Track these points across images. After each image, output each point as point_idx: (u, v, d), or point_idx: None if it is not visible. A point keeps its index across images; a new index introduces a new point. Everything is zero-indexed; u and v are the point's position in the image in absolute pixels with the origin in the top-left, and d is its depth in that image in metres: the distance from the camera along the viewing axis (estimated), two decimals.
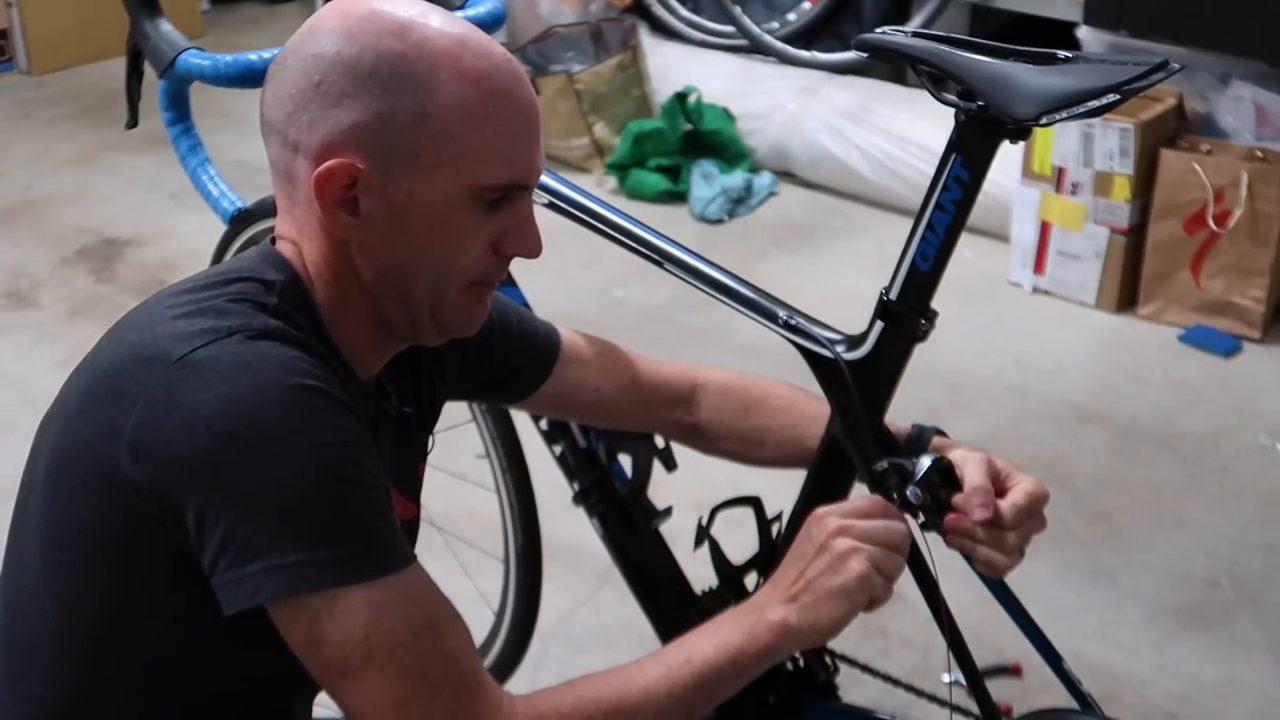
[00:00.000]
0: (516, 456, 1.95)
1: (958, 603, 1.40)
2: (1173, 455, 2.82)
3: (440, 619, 1.06)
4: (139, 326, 1.10)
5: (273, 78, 1.13)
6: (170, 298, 1.12)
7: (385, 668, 1.02)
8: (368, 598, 1.02)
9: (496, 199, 1.12)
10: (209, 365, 1.03)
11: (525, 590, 2.00)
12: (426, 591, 1.07)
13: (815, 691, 1.65)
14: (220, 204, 1.78)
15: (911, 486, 1.31)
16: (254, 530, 1.01)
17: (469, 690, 1.05)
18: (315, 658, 1.03)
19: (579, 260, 3.53)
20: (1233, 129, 3.35)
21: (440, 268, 1.14)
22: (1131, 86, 1.23)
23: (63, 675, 1.13)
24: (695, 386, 1.56)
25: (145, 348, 1.06)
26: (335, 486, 1.03)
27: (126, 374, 1.06)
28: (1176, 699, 2.19)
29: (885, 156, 3.82)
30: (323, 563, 1.01)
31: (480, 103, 1.09)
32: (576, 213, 1.59)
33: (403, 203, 1.10)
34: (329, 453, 1.03)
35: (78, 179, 4.28)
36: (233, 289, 1.11)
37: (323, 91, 1.08)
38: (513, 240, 1.15)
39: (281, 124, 1.11)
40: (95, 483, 1.06)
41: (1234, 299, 3.23)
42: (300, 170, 1.11)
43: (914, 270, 1.35)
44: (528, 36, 4.36)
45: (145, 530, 1.05)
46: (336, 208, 1.10)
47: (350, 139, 1.08)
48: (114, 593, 1.09)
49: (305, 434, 1.02)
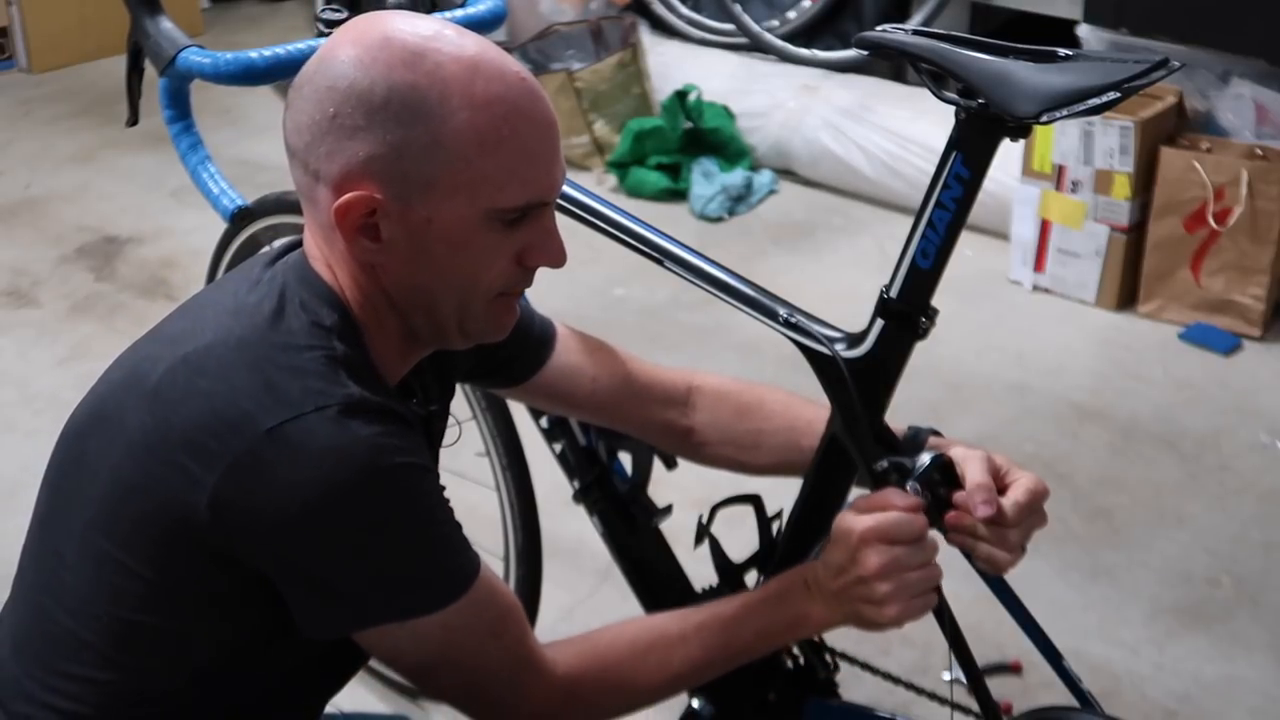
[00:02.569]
0: (516, 454, 1.94)
1: (958, 600, 1.40)
2: (1173, 453, 2.82)
3: (499, 619, 1.19)
4: (209, 374, 1.11)
5: (292, 104, 1.15)
6: (235, 332, 1.13)
7: (457, 668, 1.19)
8: (442, 621, 1.15)
9: (515, 218, 1.14)
10: (301, 445, 1.07)
11: (526, 588, 2.00)
12: (488, 597, 1.18)
13: (815, 689, 1.65)
14: (220, 202, 1.79)
15: (911, 483, 1.31)
16: (343, 585, 1.12)
17: (524, 667, 1.22)
18: (394, 664, 1.21)
19: (579, 258, 3.50)
20: (1233, 127, 3.35)
21: (464, 285, 1.17)
22: (1132, 84, 1.23)
23: (103, 677, 1.16)
24: (690, 388, 1.56)
25: (227, 407, 1.09)
26: (421, 547, 1.13)
27: (208, 430, 1.08)
28: (1177, 697, 2.19)
29: (885, 154, 3.82)
30: (405, 600, 1.13)
31: (493, 128, 1.10)
32: (577, 211, 1.59)
33: (422, 228, 1.12)
34: (419, 521, 1.13)
35: (78, 177, 4.28)
36: (299, 339, 1.12)
37: (338, 124, 1.10)
38: (537, 253, 1.18)
39: (302, 152, 1.13)
40: (166, 521, 1.10)
41: (1234, 297, 3.23)
42: (321, 197, 1.14)
43: (914, 268, 1.35)
44: (528, 34, 4.36)
45: (212, 565, 1.11)
46: (358, 234, 1.13)
47: (367, 169, 1.10)
48: (168, 608, 1.14)
49: (399, 508, 1.11)
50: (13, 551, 1.27)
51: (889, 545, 1.24)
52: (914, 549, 1.25)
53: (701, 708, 1.69)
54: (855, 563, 1.24)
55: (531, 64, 4.29)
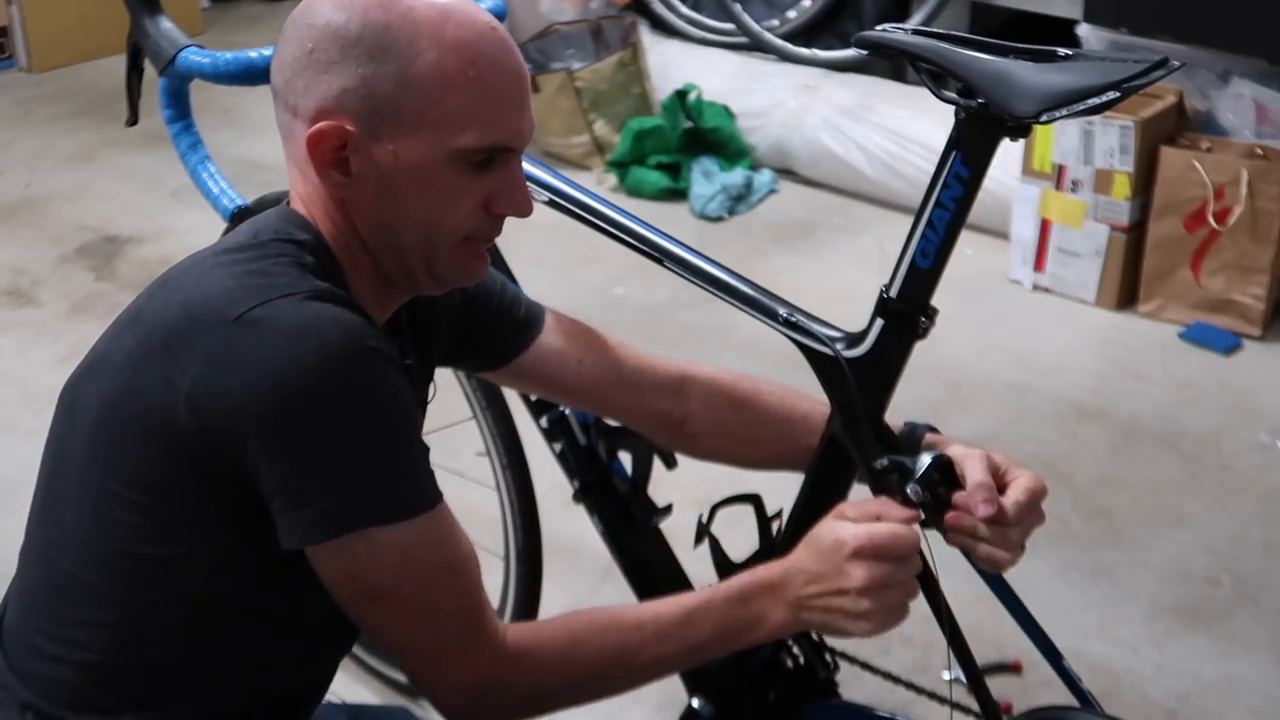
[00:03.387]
0: (517, 454, 1.95)
1: (958, 600, 1.40)
2: (1173, 453, 2.82)
3: (457, 558, 1.18)
4: (185, 287, 1.15)
5: (278, 44, 1.21)
6: (211, 257, 1.18)
7: (407, 600, 1.15)
8: (400, 539, 1.13)
9: (483, 160, 1.18)
10: (269, 324, 1.09)
11: (525, 587, 2.00)
12: (449, 534, 1.17)
13: (816, 689, 1.65)
14: (220, 201, 1.78)
15: (912, 484, 1.31)
16: (309, 480, 1.10)
17: (473, 621, 1.18)
18: (347, 587, 1.15)
19: (579, 258, 3.53)
20: (1233, 126, 3.35)
21: (428, 224, 1.20)
22: (1131, 84, 1.23)
23: (108, 618, 1.17)
24: (684, 378, 1.55)
25: (197, 307, 1.12)
26: (386, 442, 1.12)
27: (180, 331, 1.11)
28: (1177, 696, 2.19)
29: (885, 154, 3.82)
30: (366, 506, 1.11)
31: (460, 69, 1.15)
32: (577, 210, 1.59)
33: (389, 163, 1.17)
34: (383, 411, 1.12)
35: (78, 176, 4.28)
36: (269, 250, 1.17)
37: (315, 59, 1.16)
38: (502, 200, 1.21)
39: (282, 89, 1.19)
40: (149, 433, 1.12)
41: (1234, 296, 3.23)
42: (297, 132, 1.18)
43: (914, 268, 1.35)
44: (528, 34, 4.36)
45: (199, 475, 1.11)
46: (329, 167, 1.18)
47: (339, 103, 1.16)
48: (165, 534, 1.15)
49: (364, 395, 1.10)
50: (12, 551, 1.27)
51: (878, 560, 1.20)
52: (902, 565, 1.21)
53: (701, 707, 1.69)
54: (841, 574, 1.20)
55: (532, 64, 4.29)
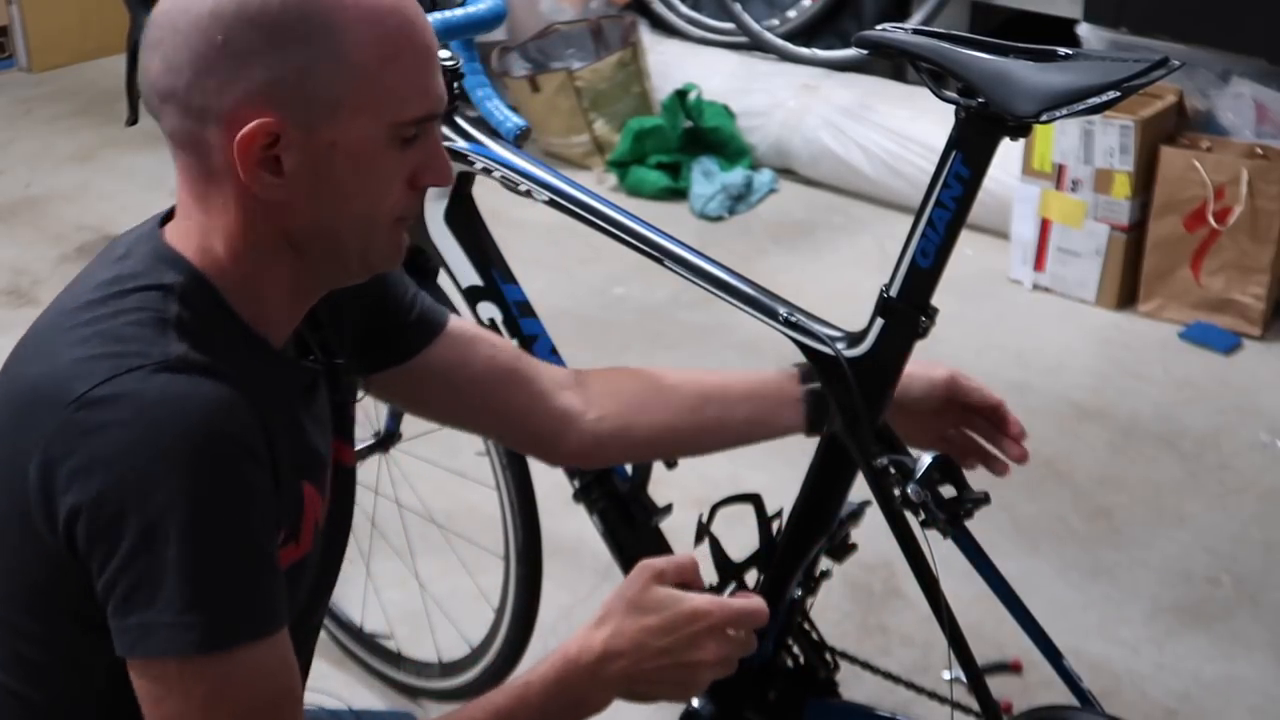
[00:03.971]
0: (517, 453, 1.94)
1: (958, 600, 1.40)
2: (1173, 452, 2.82)
3: (280, 695, 1.06)
4: (40, 354, 1.07)
5: (158, 45, 1.06)
6: (67, 316, 1.08)
7: None
8: (218, 670, 1.01)
9: (412, 135, 1.10)
10: (108, 406, 1.00)
11: (525, 587, 2.00)
12: (277, 667, 1.06)
13: (816, 688, 1.65)
14: None
15: (913, 484, 1.31)
16: (131, 587, 1.00)
17: None
18: (150, 711, 1.04)
19: (579, 257, 3.53)
20: (1233, 126, 3.35)
21: (367, 212, 1.11)
22: (1132, 83, 1.23)
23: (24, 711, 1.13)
24: (580, 372, 1.49)
25: (44, 381, 1.04)
26: (217, 550, 1.01)
27: (28, 411, 1.04)
28: (1177, 696, 2.19)
29: (885, 153, 3.82)
30: (188, 627, 1.00)
31: (391, 39, 1.07)
32: (577, 210, 1.59)
33: (326, 154, 1.07)
34: (223, 514, 1.01)
35: (78, 176, 4.28)
36: (129, 302, 1.07)
37: (230, 51, 1.03)
38: (428, 172, 1.13)
39: (182, 93, 1.05)
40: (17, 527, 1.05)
41: (1234, 296, 3.23)
42: (212, 138, 1.06)
43: (914, 267, 1.35)
44: (528, 33, 4.36)
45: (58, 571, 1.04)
46: (258, 169, 1.06)
47: (266, 97, 1.04)
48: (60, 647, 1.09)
49: (203, 493, 1.00)
50: None
51: (736, 630, 1.16)
52: (751, 634, 1.17)
53: (702, 707, 1.69)
54: (694, 647, 1.14)
55: (531, 63, 4.30)
